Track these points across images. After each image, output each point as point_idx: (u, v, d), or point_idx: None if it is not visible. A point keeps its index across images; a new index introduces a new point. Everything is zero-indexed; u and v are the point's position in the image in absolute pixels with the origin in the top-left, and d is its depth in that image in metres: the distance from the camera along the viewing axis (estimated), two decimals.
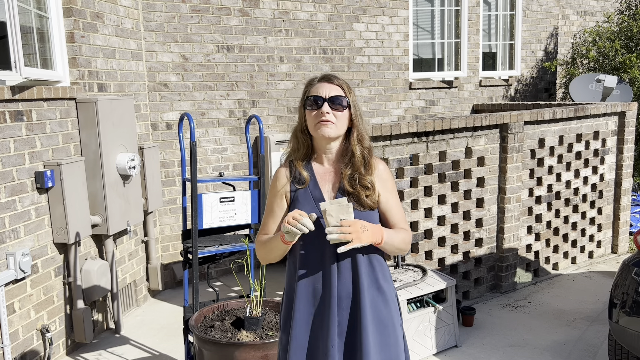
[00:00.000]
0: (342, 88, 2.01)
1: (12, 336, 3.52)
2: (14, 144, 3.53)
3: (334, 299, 1.99)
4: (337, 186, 2.05)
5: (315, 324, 2.03)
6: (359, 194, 2.00)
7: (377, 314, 2.03)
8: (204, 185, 5.40)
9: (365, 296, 2.00)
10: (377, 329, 2.02)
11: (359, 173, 2.02)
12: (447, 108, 7.19)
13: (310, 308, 2.04)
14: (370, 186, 2.02)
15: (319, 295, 2.02)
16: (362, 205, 2.01)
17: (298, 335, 2.03)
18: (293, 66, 5.92)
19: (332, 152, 2.06)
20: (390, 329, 2.05)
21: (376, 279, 2.05)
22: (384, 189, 2.08)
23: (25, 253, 3.53)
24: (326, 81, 2.02)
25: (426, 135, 4.39)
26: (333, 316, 1.99)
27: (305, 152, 2.07)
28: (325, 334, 1.99)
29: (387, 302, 2.06)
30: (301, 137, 2.06)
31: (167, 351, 4.10)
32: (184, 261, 3.51)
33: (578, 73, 7.91)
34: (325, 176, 2.07)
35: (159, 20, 5.14)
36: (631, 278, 3.24)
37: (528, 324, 4.37)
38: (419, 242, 4.50)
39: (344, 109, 1.99)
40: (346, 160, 2.04)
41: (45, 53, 3.99)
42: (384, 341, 2.03)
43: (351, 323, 2.01)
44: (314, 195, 2.04)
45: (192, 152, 3.28)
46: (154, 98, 5.23)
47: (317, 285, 2.03)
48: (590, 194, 5.73)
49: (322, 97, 1.98)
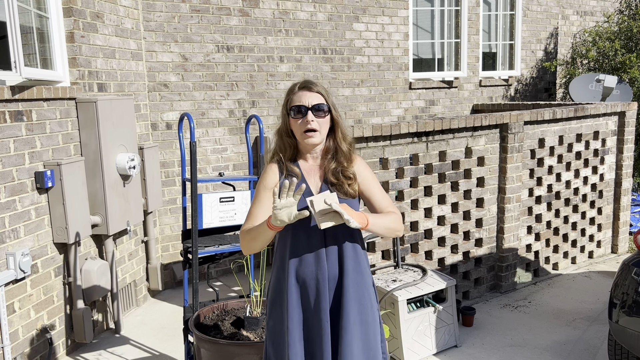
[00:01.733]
0: (321, 94, 2.19)
1: (12, 336, 3.52)
2: (14, 144, 3.53)
3: (324, 280, 2.17)
4: (322, 179, 2.24)
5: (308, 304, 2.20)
6: (342, 184, 2.21)
7: (359, 294, 2.22)
8: (204, 185, 5.40)
9: (349, 278, 2.19)
10: (357, 308, 2.21)
11: (342, 166, 2.22)
12: (447, 108, 7.19)
13: (302, 289, 2.20)
14: (352, 176, 2.22)
15: (310, 277, 2.19)
16: (345, 194, 2.21)
17: (294, 314, 2.19)
18: (293, 66, 5.92)
19: (317, 151, 2.25)
20: (369, 309, 2.24)
21: (358, 264, 2.24)
22: (365, 178, 2.27)
23: (25, 253, 3.54)
24: (306, 89, 2.19)
25: (426, 135, 4.39)
26: (324, 295, 2.17)
27: (292, 152, 2.25)
28: (319, 311, 2.18)
29: (366, 284, 2.25)
30: (287, 140, 2.24)
31: (167, 351, 4.10)
32: (184, 261, 3.51)
33: (578, 73, 7.91)
34: (311, 171, 2.25)
35: (159, 20, 5.14)
36: (631, 278, 3.24)
37: (528, 324, 4.37)
38: (419, 242, 4.50)
39: (325, 114, 2.18)
40: (329, 155, 2.24)
41: (45, 53, 3.99)
42: (364, 319, 2.22)
43: (335, 302, 2.21)
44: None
45: (192, 152, 3.28)
46: (154, 98, 5.23)
47: (307, 269, 2.19)
48: (590, 194, 5.73)
49: (306, 105, 2.15)
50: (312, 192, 2.22)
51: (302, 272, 2.19)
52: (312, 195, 2.13)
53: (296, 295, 2.20)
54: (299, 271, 2.19)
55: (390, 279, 4.01)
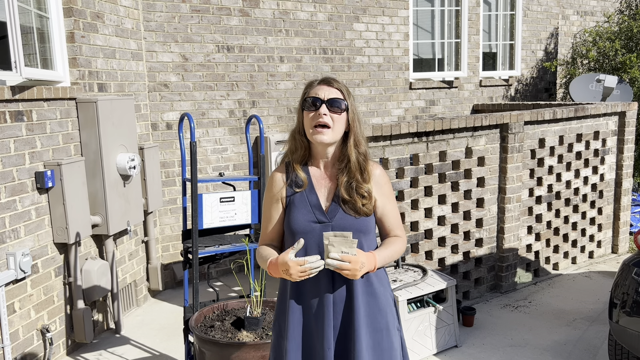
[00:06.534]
0: (341, 91, 2.01)
1: (13, 336, 3.52)
2: (14, 144, 3.53)
3: (329, 304, 2.01)
4: (333, 192, 2.04)
5: (310, 328, 2.05)
6: (355, 202, 2.01)
7: (371, 319, 2.04)
8: (204, 185, 5.40)
9: (358, 301, 2.01)
10: (370, 333, 2.03)
11: (356, 180, 2.02)
12: (447, 108, 7.19)
13: (305, 311, 2.06)
14: (366, 195, 2.02)
15: (314, 298, 2.03)
16: (358, 213, 2.01)
17: (294, 338, 2.05)
18: (293, 66, 5.92)
19: (328, 156, 2.06)
20: (385, 333, 2.06)
21: (371, 284, 2.05)
22: (381, 194, 2.08)
23: (26, 253, 3.54)
24: (326, 84, 2.02)
25: (426, 135, 4.39)
26: (328, 320, 2.00)
27: (303, 154, 2.07)
28: (321, 337, 2.01)
29: (381, 306, 2.06)
30: (299, 139, 2.06)
31: (167, 351, 4.10)
32: (184, 261, 3.51)
33: (578, 73, 7.91)
34: (322, 181, 2.07)
35: (159, 20, 5.14)
36: (631, 278, 3.24)
37: (528, 324, 4.37)
38: (419, 242, 4.50)
39: (342, 112, 1.99)
40: (342, 165, 2.04)
41: (45, 53, 3.99)
42: (377, 345, 2.04)
43: (344, 327, 2.03)
44: (310, 200, 2.04)
45: (192, 152, 3.28)
46: (154, 98, 5.23)
47: (311, 289, 2.04)
48: (590, 194, 5.72)
49: (321, 98, 1.98)
50: (321, 205, 2.03)
51: (306, 292, 2.04)
52: (330, 232, 1.93)
53: (298, 317, 2.05)
54: (302, 290, 2.05)
55: (390, 279, 4.01)
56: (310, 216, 2.01)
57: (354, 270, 1.88)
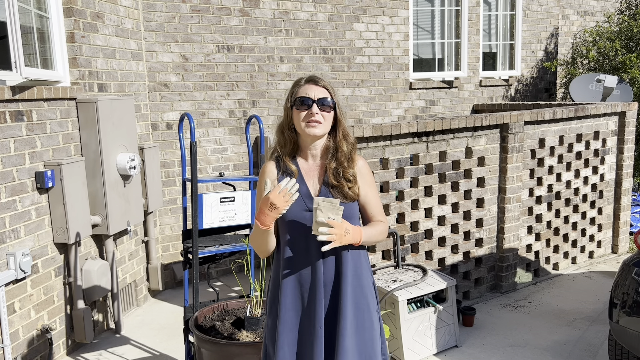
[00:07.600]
0: (327, 90, 2.17)
1: (13, 336, 3.52)
2: (14, 144, 3.53)
3: (320, 284, 2.15)
4: (321, 181, 2.20)
5: (302, 307, 2.19)
6: (342, 186, 2.17)
7: (356, 299, 2.19)
8: (204, 185, 5.40)
9: (347, 283, 2.16)
10: (354, 313, 2.18)
11: (343, 167, 2.18)
12: (448, 108, 7.19)
13: (297, 292, 2.19)
14: (352, 179, 2.19)
15: (306, 280, 2.17)
16: (345, 197, 2.17)
17: (286, 317, 2.18)
18: (293, 66, 5.92)
19: (316, 148, 2.21)
20: (366, 314, 2.22)
21: (357, 268, 2.21)
22: (364, 182, 2.24)
23: (26, 253, 3.54)
24: (313, 83, 2.17)
25: (426, 135, 4.39)
26: (319, 300, 2.15)
27: (292, 147, 2.22)
28: (312, 316, 2.16)
29: (364, 288, 2.23)
30: (288, 133, 2.21)
31: (168, 351, 4.10)
32: (184, 261, 3.51)
33: (578, 73, 7.91)
34: (310, 172, 2.22)
35: (159, 20, 5.14)
36: (631, 278, 3.24)
37: (528, 324, 4.37)
38: (419, 242, 4.50)
39: (330, 109, 2.16)
40: (330, 155, 2.21)
41: (45, 53, 3.99)
42: (360, 324, 2.20)
43: (331, 307, 2.17)
44: (300, 190, 2.17)
45: (192, 152, 3.28)
46: (154, 98, 5.23)
47: (303, 272, 2.17)
48: (590, 194, 5.72)
49: (312, 98, 2.13)
50: (311, 193, 2.18)
51: (298, 274, 2.17)
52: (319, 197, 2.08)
53: (291, 299, 2.18)
54: (294, 273, 2.17)
55: (390, 279, 4.01)
56: (302, 205, 2.15)
57: (339, 236, 2.03)
